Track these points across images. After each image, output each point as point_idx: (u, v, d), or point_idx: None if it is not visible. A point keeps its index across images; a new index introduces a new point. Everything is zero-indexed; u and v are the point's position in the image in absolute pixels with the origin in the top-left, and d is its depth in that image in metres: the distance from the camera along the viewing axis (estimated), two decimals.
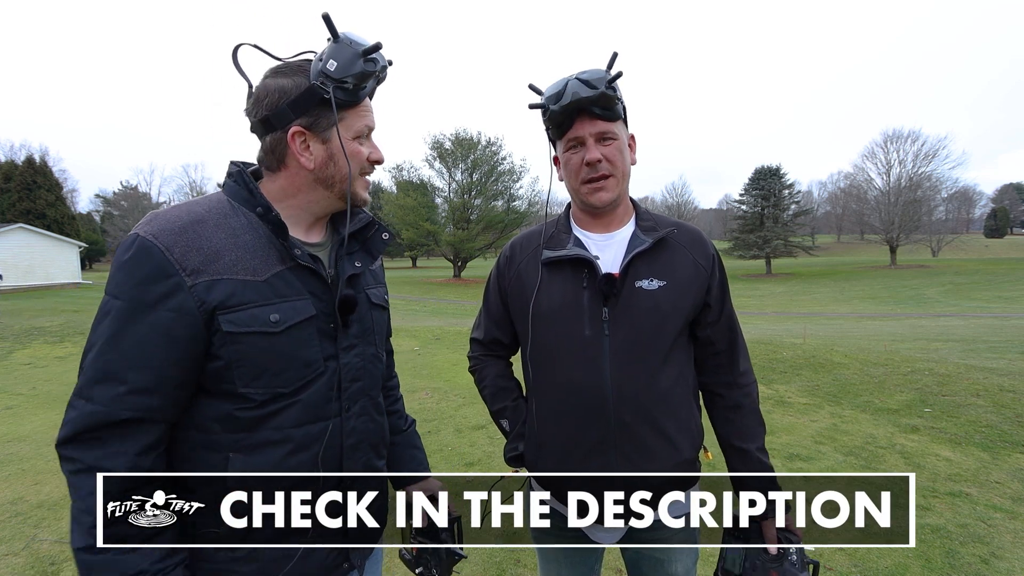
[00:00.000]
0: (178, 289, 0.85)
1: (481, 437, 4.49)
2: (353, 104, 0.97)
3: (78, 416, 0.83)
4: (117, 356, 0.84)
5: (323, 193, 1.01)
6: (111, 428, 0.83)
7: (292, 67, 0.96)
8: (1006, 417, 4.57)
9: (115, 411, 0.83)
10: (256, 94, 0.96)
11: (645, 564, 1.31)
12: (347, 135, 0.98)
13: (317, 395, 0.97)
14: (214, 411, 0.91)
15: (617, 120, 1.20)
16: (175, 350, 0.86)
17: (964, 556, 2.66)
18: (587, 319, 1.20)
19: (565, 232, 1.29)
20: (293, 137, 0.95)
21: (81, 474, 0.82)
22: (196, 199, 0.97)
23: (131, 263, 0.85)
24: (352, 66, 0.93)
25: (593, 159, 1.19)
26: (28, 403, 5.67)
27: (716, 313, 1.27)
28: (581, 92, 1.14)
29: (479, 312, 1.48)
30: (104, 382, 0.83)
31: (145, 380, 0.84)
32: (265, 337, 0.91)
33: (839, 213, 62.72)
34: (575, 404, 1.21)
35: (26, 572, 2.59)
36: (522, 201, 40.54)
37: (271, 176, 1.00)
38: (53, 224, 34.67)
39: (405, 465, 1.30)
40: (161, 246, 0.85)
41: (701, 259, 1.25)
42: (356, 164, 1.00)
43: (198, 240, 0.88)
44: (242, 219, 0.94)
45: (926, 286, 30.83)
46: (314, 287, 0.98)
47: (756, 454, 1.26)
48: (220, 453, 0.91)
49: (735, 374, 1.30)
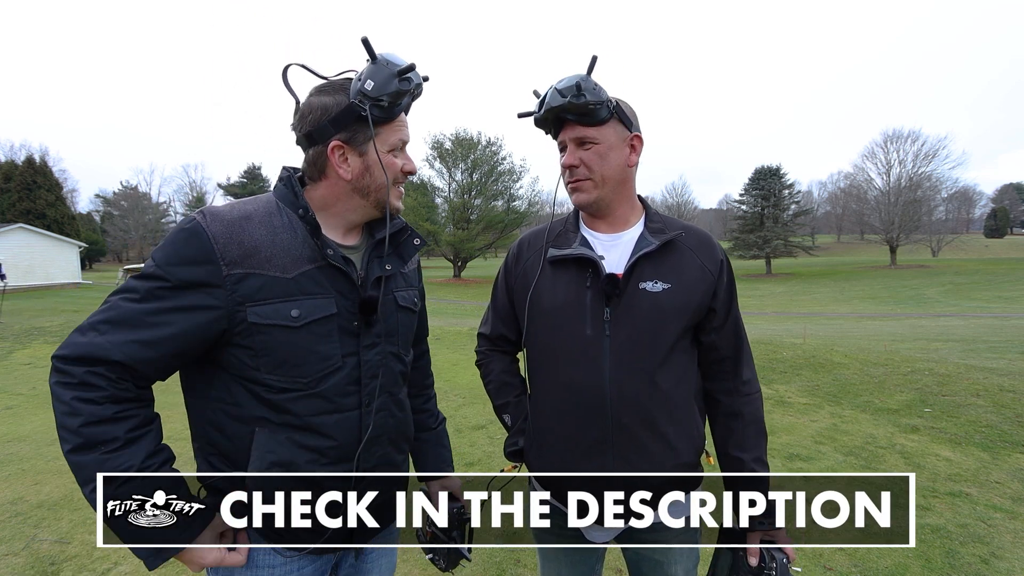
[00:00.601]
0: (214, 275, 0.94)
1: (481, 437, 4.49)
2: (389, 120, 1.05)
3: (84, 342, 0.89)
4: (139, 310, 0.91)
5: (359, 202, 1.09)
6: (103, 363, 0.89)
7: (334, 86, 1.05)
8: (1006, 417, 4.57)
9: (112, 351, 0.89)
10: (301, 111, 1.05)
11: (645, 565, 1.31)
12: (383, 148, 1.05)
13: (335, 389, 1.03)
14: (242, 390, 1.00)
15: (600, 124, 1.19)
16: (192, 326, 0.93)
17: (964, 556, 2.66)
18: (589, 319, 1.20)
19: (573, 231, 1.30)
20: (333, 151, 1.03)
21: (68, 386, 0.88)
22: (249, 198, 1.07)
23: (181, 241, 0.94)
24: (388, 85, 1.01)
25: (567, 164, 1.23)
26: (28, 403, 5.67)
27: (722, 318, 1.26)
28: (554, 101, 1.18)
29: (487, 308, 1.50)
30: (119, 326, 0.91)
31: (152, 337, 0.91)
32: (286, 331, 0.98)
33: (839, 213, 62.78)
34: (575, 403, 1.21)
35: (26, 572, 2.60)
36: (522, 201, 40.64)
37: (313, 185, 1.09)
38: (53, 224, 34.71)
39: (429, 461, 1.38)
40: (211, 234, 0.94)
41: (708, 263, 1.24)
42: (391, 175, 1.07)
43: (241, 235, 0.97)
44: (284, 219, 1.02)
45: (926, 286, 30.85)
46: (342, 286, 1.05)
47: (750, 464, 1.25)
48: (248, 426, 1.00)
49: (737, 381, 1.29)
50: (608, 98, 1.19)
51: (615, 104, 1.20)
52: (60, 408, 0.88)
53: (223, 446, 1.01)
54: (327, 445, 1.03)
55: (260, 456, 0.99)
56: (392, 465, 1.16)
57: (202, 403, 1.02)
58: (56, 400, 0.89)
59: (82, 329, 0.91)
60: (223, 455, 1.02)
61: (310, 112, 1.03)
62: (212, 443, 1.02)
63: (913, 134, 44.23)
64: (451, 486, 1.37)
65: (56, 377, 0.89)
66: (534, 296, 1.27)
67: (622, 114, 1.22)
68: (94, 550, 2.77)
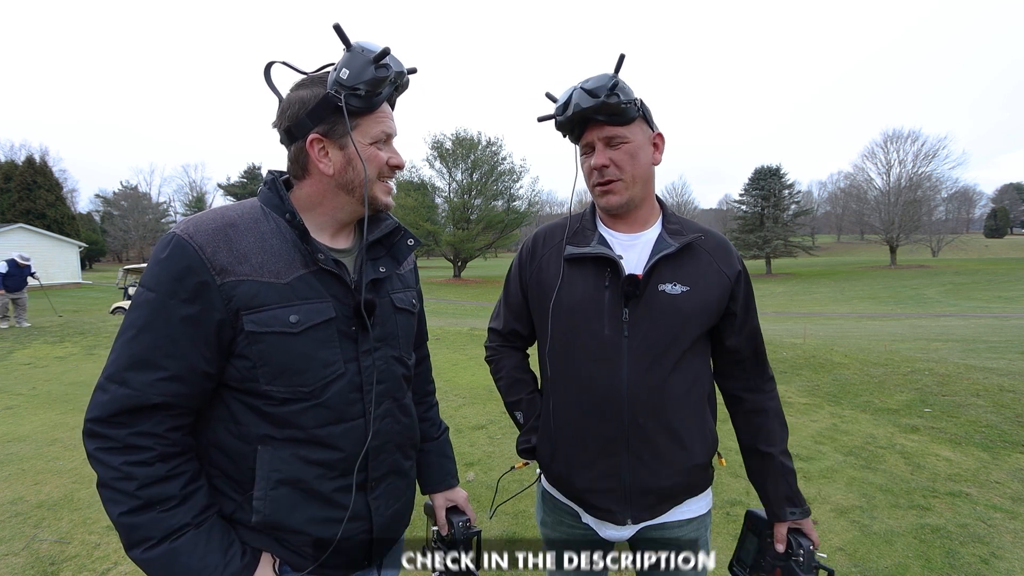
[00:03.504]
0: (208, 286, 0.90)
1: (481, 437, 4.49)
2: (368, 110, 1.00)
3: (112, 398, 0.87)
4: (151, 344, 0.89)
5: (345, 198, 1.04)
6: (144, 411, 0.88)
7: (313, 79, 1.01)
8: (1006, 417, 4.57)
9: (148, 395, 0.87)
10: (281, 107, 1.01)
11: (656, 565, 1.31)
12: (364, 140, 1.01)
13: (339, 396, 1.00)
14: (242, 406, 0.96)
15: (629, 123, 1.18)
16: (203, 342, 0.91)
17: (964, 556, 2.66)
18: (607, 318, 1.19)
19: (590, 229, 1.28)
20: (312, 144, 0.99)
21: (114, 451, 0.87)
22: (232, 204, 1.02)
23: (167, 259, 0.90)
24: (364, 73, 0.96)
25: (598, 164, 1.20)
26: (28, 403, 5.66)
27: (741, 324, 1.27)
28: (583, 103, 1.15)
29: (498, 302, 1.48)
30: (138, 368, 0.88)
31: (176, 368, 0.89)
32: (285, 337, 0.94)
33: (839, 213, 62.80)
34: (590, 402, 1.21)
35: (26, 572, 2.59)
36: (522, 201, 40.60)
37: (299, 184, 1.05)
38: (53, 224, 34.71)
39: (433, 474, 1.33)
40: (195, 245, 0.90)
41: (726, 267, 1.24)
42: (374, 168, 1.03)
43: (228, 242, 0.93)
44: (272, 224, 0.99)
45: (926, 286, 30.84)
46: (336, 291, 1.01)
47: (779, 458, 1.29)
48: (250, 445, 0.96)
49: (760, 379, 1.32)
50: (635, 97, 1.18)
51: (640, 103, 1.20)
52: (109, 474, 0.86)
53: (227, 468, 0.97)
54: (335, 457, 0.99)
55: (265, 475, 0.95)
56: (401, 472, 1.13)
57: (202, 424, 0.98)
58: (102, 466, 0.87)
59: (102, 387, 0.89)
60: (228, 477, 0.98)
61: (289, 107, 0.99)
62: (215, 465, 0.98)
63: (913, 134, 44.23)
64: (456, 499, 1.33)
65: (97, 443, 0.87)
66: (551, 293, 1.26)
67: (647, 113, 1.22)
68: (94, 550, 2.77)
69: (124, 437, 0.87)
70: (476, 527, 1.30)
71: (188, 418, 0.94)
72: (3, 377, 6.84)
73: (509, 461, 3.87)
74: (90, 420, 0.88)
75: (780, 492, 1.26)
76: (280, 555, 0.99)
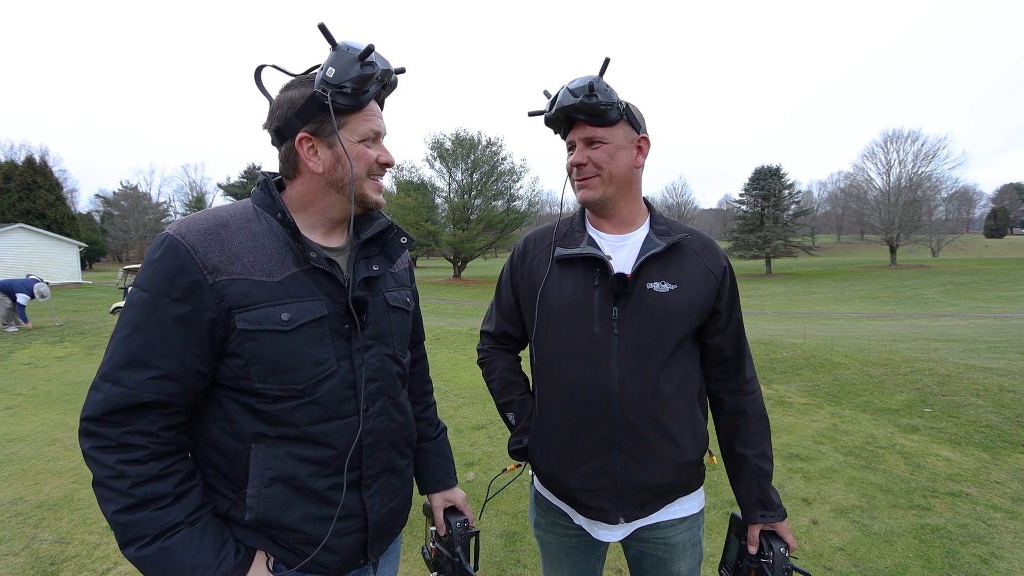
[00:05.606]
0: (199, 285, 0.91)
1: (481, 437, 4.49)
2: (356, 108, 1.01)
3: (106, 397, 0.88)
4: (144, 343, 0.90)
5: (336, 197, 1.05)
6: (137, 409, 0.89)
7: (301, 80, 1.02)
8: (1006, 417, 4.57)
9: (141, 393, 0.88)
10: (270, 108, 1.03)
11: (648, 563, 1.32)
12: (352, 138, 1.01)
13: (332, 394, 1.00)
14: (236, 404, 0.97)
15: (610, 124, 1.21)
16: (195, 341, 0.92)
17: (964, 556, 2.66)
18: (597, 317, 1.21)
19: (580, 231, 1.31)
20: (300, 143, 1.00)
21: (108, 450, 0.88)
22: (224, 205, 1.04)
23: (159, 259, 0.91)
24: (349, 71, 0.98)
25: (575, 162, 1.24)
26: (28, 403, 5.66)
27: (725, 321, 1.29)
28: (565, 102, 1.19)
29: (490, 305, 1.50)
30: (131, 367, 0.89)
31: (169, 367, 0.90)
32: (277, 335, 0.95)
33: (839, 213, 62.81)
34: (581, 401, 1.21)
35: (26, 572, 2.59)
36: (522, 201, 40.57)
37: (290, 184, 1.06)
38: (53, 224, 34.69)
39: (431, 474, 1.34)
40: (187, 245, 0.91)
41: (712, 266, 1.27)
42: (362, 166, 1.03)
43: (221, 242, 0.94)
44: (263, 224, 1.00)
45: (926, 286, 30.84)
46: (329, 289, 1.01)
47: (754, 460, 1.29)
48: (244, 443, 0.97)
49: (740, 381, 1.32)
50: (618, 100, 1.20)
51: (625, 106, 1.22)
52: (103, 472, 0.87)
53: (222, 466, 0.98)
54: (328, 455, 1.00)
55: (259, 473, 0.96)
56: (397, 470, 1.13)
57: (196, 422, 0.99)
58: (96, 464, 0.88)
59: (96, 386, 0.90)
60: (222, 475, 0.99)
61: (278, 108, 1.01)
62: (210, 463, 0.99)
63: (913, 134, 44.25)
64: (454, 499, 1.34)
65: (92, 442, 0.88)
66: (541, 294, 1.27)
67: (631, 116, 1.23)
68: (94, 550, 2.77)
69: (118, 436, 0.88)
70: (474, 527, 1.31)
71: (182, 417, 0.95)
72: (3, 377, 6.84)
73: (509, 461, 3.87)
74: (85, 419, 0.89)
75: (752, 494, 1.28)
76: (274, 553, 0.99)
